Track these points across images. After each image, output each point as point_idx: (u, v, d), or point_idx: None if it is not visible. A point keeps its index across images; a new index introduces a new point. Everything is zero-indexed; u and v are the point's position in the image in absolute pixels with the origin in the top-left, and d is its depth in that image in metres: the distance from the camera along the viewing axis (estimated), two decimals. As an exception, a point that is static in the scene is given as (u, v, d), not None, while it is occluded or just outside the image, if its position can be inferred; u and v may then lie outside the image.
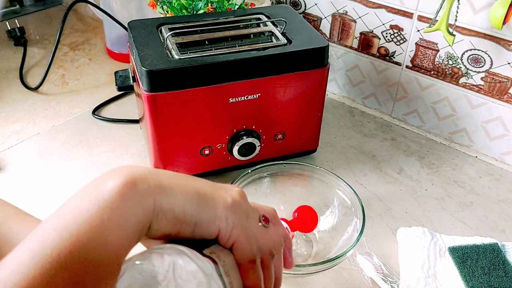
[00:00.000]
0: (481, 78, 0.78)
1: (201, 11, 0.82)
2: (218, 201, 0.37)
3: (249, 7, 0.87)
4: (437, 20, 0.74)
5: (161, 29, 0.72)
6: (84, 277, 0.28)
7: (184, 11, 0.83)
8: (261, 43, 0.71)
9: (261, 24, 0.75)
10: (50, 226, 0.29)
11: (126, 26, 0.75)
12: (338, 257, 0.56)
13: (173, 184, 0.35)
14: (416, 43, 0.83)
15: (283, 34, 0.72)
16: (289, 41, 0.71)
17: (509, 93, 0.77)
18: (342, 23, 0.91)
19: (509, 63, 0.75)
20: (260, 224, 0.40)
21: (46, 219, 0.31)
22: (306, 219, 0.63)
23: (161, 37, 0.70)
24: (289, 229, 0.61)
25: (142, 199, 0.32)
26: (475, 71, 0.79)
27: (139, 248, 0.35)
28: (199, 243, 0.37)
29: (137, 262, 0.33)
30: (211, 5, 0.82)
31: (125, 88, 0.74)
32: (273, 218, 0.43)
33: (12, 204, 0.47)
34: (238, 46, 0.70)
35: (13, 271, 0.27)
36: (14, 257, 0.28)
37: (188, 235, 0.36)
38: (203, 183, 0.38)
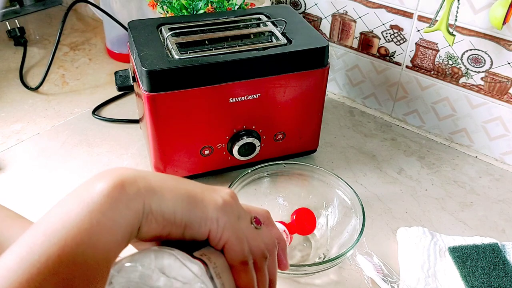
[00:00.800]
0: (481, 78, 0.78)
1: (201, 11, 0.82)
2: (209, 202, 0.37)
3: (249, 7, 0.87)
4: (437, 20, 0.74)
5: (161, 29, 0.72)
6: (73, 282, 0.28)
7: (184, 11, 0.83)
8: (261, 43, 0.71)
9: (261, 24, 0.75)
10: (39, 230, 0.29)
11: (126, 26, 0.75)
12: (338, 257, 0.56)
13: (162, 186, 0.35)
14: (416, 43, 0.83)
15: (283, 34, 0.72)
16: (289, 41, 0.70)
17: (509, 93, 0.77)
18: (342, 23, 0.91)
19: (509, 63, 0.75)
20: (252, 225, 0.40)
21: (35, 223, 0.30)
22: (304, 221, 0.63)
23: (161, 37, 0.70)
24: (287, 232, 0.61)
25: (131, 202, 0.32)
26: (475, 71, 0.79)
27: (129, 249, 0.35)
28: (190, 245, 0.37)
29: (127, 265, 0.33)
30: (211, 5, 0.82)
31: (125, 88, 0.74)
32: (266, 220, 0.43)
33: (5, 206, 0.47)
34: (238, 46, 0.70)
35: (1, 277, 0.27)
36: (2, 263, 0.28)
37: (179, 237, 0.36)
38: (193, 184, 0.38)
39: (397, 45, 0.86)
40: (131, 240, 0.33)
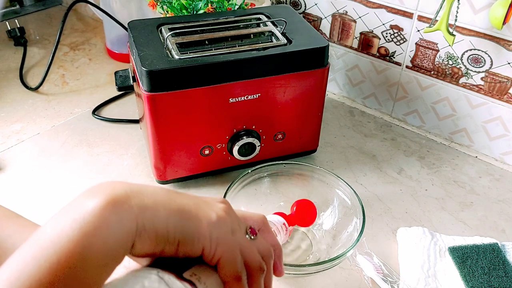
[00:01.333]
0: (481, 78, 0.78)
1: (201, 11, 0.82)
2: (202, 218, 0.36)
3: (249, 7, 0.87)
4: (437, 20, 0.74)
5: (161, 29, 0.72)
6: None
7: (184, 11, 0.83)
8: (261, 43, 0.71)
9: (261, 24, 0.75)
10: (29, 254, 0.29)
11: (126, 26, 0.75)
12: (338, 257, 0.56)
13: (155, 202, 0.34)
14: (416, 43, 0.83)
15: (283, 34, 0.72)
16: (289, 41, 0.70)
17: (509, 93, 0.77)
18: (342, 23, 0.91)
19: (509, 63, 0.75)
20: (246, 237, 0.39)
21: (25, 243, 0.30)
22: (304, 213, 0.63)
23: (161, 37, 0.70)
24: (286, 225, 0.61)
25: (124, 221, 0.32)
26: (475, 71, 0.79)
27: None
28: (184, 262, 0.37)
29: None
30: (211, 5, 0.82)
31: (125, 88, 0.74)
32: (262, 226, 0.42)
33: (1, 205, 0.47)
34: (238, 46, 0.70)
35: None
36: None
37: (172, 254, 0.35)
38: (187, 199, 0.37)
39: (397, 45, 0.86)
40: (123, 258, 0.32)
